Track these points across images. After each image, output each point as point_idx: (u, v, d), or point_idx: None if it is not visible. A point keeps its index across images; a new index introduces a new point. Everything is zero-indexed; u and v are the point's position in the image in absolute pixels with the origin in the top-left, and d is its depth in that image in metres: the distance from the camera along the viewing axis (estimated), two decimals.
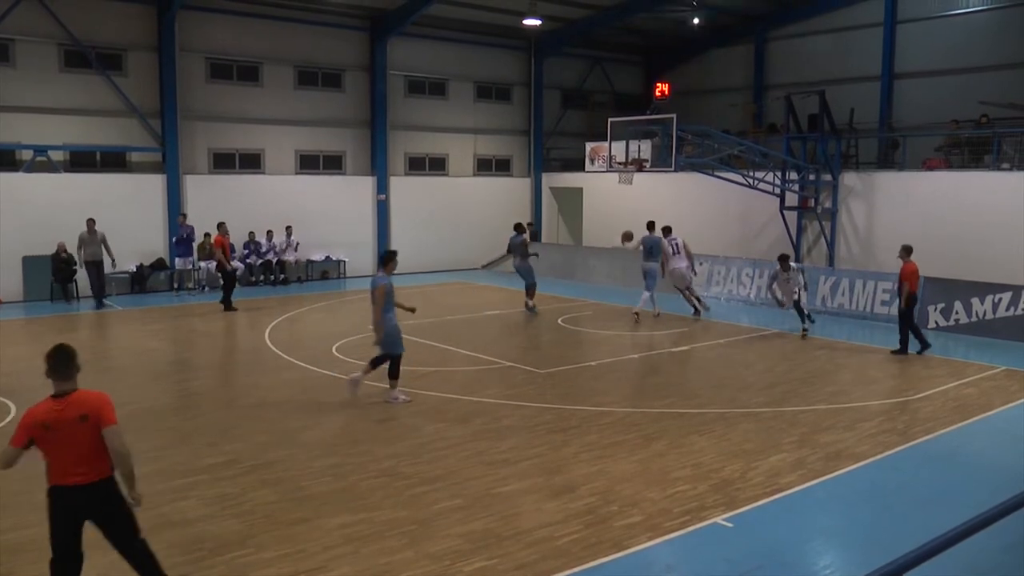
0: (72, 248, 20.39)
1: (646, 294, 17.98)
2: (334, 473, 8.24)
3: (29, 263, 20.29)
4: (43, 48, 21.21)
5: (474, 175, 29.32)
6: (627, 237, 19.05)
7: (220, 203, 23.42)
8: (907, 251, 14.36)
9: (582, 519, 7.12)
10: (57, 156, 21.59)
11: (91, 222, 19.76)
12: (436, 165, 28.54)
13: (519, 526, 6.96)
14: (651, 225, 18.49)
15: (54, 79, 21.41)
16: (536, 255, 19.40)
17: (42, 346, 15.20)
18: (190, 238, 22.43)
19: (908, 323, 14.36)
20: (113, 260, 20.26)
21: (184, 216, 22.57)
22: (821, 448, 9.16)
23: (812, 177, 22.00)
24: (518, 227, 19.44)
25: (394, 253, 11.41)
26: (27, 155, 21.19)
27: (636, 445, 9.23)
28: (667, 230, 18.47)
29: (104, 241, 19.85)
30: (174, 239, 22.47)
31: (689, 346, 15.32)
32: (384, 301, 10.77)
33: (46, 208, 20.85)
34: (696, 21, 27.55)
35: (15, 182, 20.75)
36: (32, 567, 6.20)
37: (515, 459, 8.70)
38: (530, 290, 18.88)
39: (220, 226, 19.84)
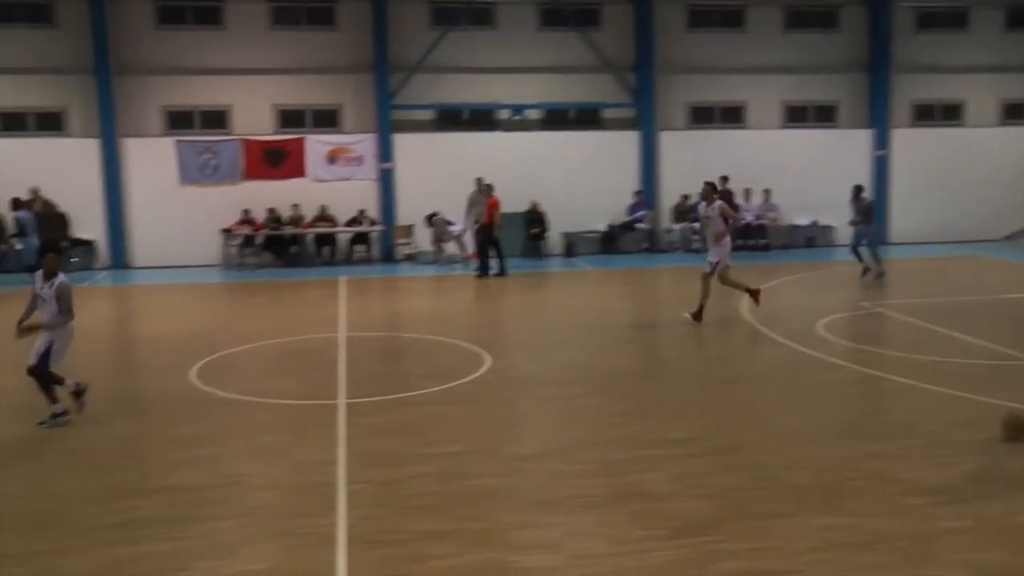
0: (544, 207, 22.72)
1: None
2: (813, 466, 7.95)
3: (504, 219, 22.72)
4: (522, 9, 23.55)
5: (1000, 124, 26.24)
6: None
7: (696, 160, 24.06)
8: None
9: None
10: (532, 115, 23.88)
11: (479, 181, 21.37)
12: (950, 114, 26.11)
13: None
14: None
15: (531, 38, 23.68)
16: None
17: (514, 299, 16.91)
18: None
19: None
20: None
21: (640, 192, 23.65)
22: None
23: None
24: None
25: None
26: (505, 115, 23.79)
27: None
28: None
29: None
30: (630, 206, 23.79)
31: None
32: None
33: (520, 166, 23.22)
34: None
35: (492, 141, 23.44)
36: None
37: None
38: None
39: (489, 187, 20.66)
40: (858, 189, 18.70)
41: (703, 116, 24.92)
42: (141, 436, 9.13)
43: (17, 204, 19.75)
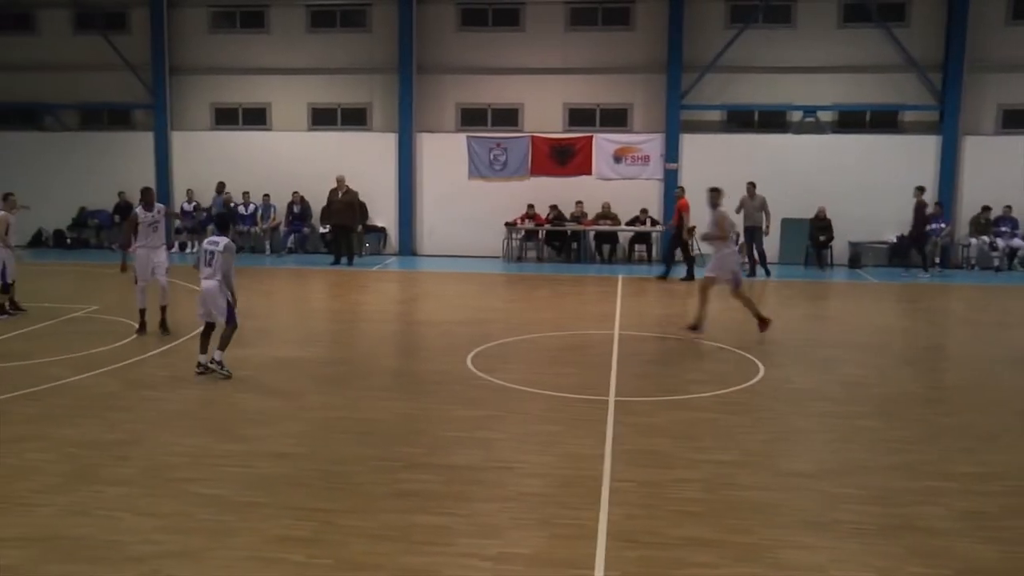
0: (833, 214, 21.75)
1: None
2: None
3: (788, 226, 22.00)
4: (823, 5, 22.74)
5: None
6: None
7: (1005, 169, 22.34)
8: None
9: None
10: (825, 117, 22.90)
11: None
12: None
13: None
14: None
15: (830, 35, 22.80)
16: None
17: (793, 309, 16.36)
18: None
19: None
20: (767, 227, 20.93)
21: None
22: None
23: None
24: None
25: None
26: (796, 116, 22.99)
27: None
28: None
29: (765, 207, 20.62)
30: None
31: None
32: None
33: (809, 171, 22.39)
34: None
35: (782, 144, 22.73)
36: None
37: None
38: None
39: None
40: None
41: (1018, 120, 22.79)
42: (422, 414, 9.71)
43: (221, 189, 21.57)
